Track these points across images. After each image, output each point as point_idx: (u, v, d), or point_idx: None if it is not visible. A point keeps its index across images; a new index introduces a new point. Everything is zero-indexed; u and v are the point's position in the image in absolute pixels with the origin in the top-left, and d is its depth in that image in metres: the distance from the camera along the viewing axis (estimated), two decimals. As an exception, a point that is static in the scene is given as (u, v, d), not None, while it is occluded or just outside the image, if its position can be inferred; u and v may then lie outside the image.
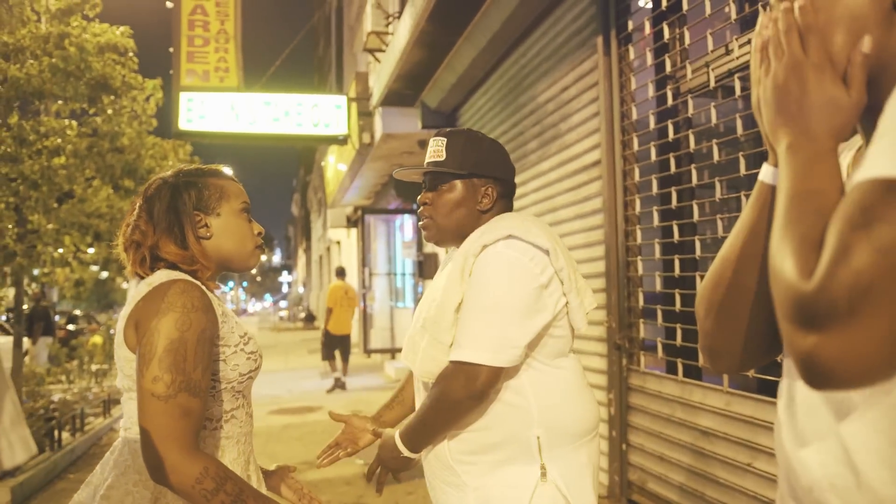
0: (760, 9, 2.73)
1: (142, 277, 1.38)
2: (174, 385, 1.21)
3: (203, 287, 1.34)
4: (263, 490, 1.47)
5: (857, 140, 0.88)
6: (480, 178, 1.60)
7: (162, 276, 1.33)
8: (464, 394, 1.44)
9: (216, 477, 1.20)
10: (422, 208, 1.65)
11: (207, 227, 1.41)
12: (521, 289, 1.47)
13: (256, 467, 1.47)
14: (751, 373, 2.72)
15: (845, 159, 0.86)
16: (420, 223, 1.67)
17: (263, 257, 1.64)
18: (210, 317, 1.30)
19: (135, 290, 1.36)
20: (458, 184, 1.59)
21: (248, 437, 1.44)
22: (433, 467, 1.59)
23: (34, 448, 1.93)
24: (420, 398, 1.64)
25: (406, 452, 1.56)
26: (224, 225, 1.42)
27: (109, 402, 7.23)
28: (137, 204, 1.43)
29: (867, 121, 0.77)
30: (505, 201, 1.66)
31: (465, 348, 1.45)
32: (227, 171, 1.53)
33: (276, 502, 1.39)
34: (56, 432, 5.51)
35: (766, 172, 0.83)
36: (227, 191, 1.44)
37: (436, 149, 1.62)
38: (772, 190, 0.81)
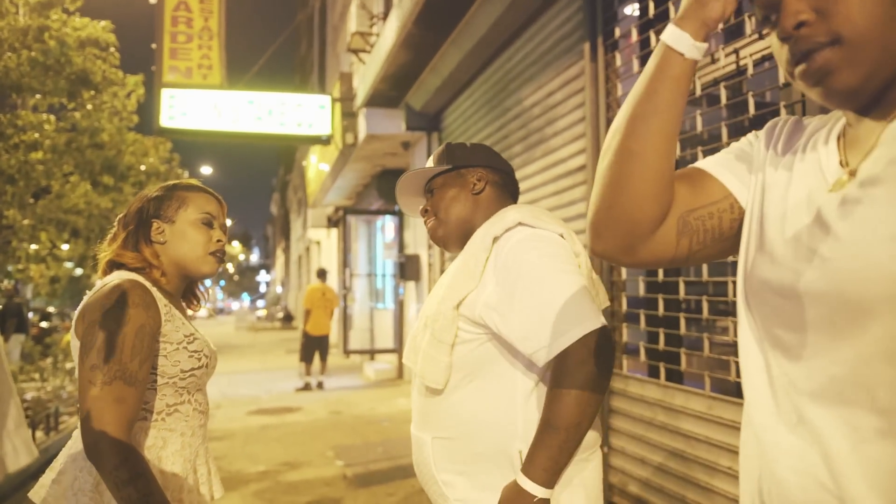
0: (746, 19, 2.78)
1: None
2: (110, 373, 1.32)
3: (149, 286, 1.46)
4: (216, 484, 1.56)
5: (835, 115, 0.90)
6: (468, 167, 1.62)
7: (114, 276, 1.48)
8: (595, 369, 1.28)
9: (132, 469, 1.27)
10: (425, 218, 1.66)
11: (163, 233, 1.56)
12: (564, 254, 1.40)
13: (207, 461, 1.56)
14: (732, 377, 2.76)
15: (831, 133, 0.88)
16: (428, 232, 1.66)
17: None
18: (151, 313, 1.41)
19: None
20: (448, 178, 1.62)
21: (195, 432, 1.52)
22: (422, 475, 1.50)
23: (36, 452, 1.99)
24: (419, 401, 1.52)
25: (541, 493, 1.27)
26: (178, 232, 1.57)
27: (84, 402, 7.11)
28: (118, 219, 1.63)
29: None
30: (501, 189, 1.63)
31: (567, 332, 1.28)
32: (205, 186, 1.66)
33: None
34: (30, 431, 5.42)
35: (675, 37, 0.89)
36: (187, 201, 1.59)
37: (427, 166, 1.66)
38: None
